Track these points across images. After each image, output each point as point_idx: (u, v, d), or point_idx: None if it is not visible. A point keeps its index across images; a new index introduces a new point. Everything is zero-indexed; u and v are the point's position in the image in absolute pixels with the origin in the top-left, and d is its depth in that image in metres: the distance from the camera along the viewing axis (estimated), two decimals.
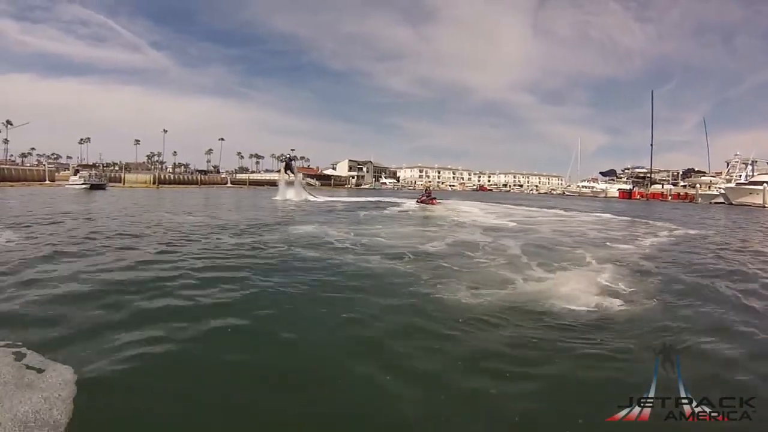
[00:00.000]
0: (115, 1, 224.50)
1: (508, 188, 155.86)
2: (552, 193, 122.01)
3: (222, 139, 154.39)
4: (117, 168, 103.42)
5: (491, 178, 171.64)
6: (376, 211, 26.84)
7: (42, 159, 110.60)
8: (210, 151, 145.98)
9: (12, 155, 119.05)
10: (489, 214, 24.88)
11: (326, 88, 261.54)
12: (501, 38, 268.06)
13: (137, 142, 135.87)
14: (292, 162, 29.75)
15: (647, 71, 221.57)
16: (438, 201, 33.95)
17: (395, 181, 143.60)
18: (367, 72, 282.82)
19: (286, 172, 29.50)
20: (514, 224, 18.99)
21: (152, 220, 17.55)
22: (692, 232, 18.55)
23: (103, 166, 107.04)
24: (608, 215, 28.19)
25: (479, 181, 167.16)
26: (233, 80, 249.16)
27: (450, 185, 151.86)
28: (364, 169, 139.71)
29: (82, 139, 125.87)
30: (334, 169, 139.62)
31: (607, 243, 13.31)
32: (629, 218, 26.23)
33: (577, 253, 11.16)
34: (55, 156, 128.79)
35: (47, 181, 64.88)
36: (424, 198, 33.78)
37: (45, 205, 24.17)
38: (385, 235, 14.08)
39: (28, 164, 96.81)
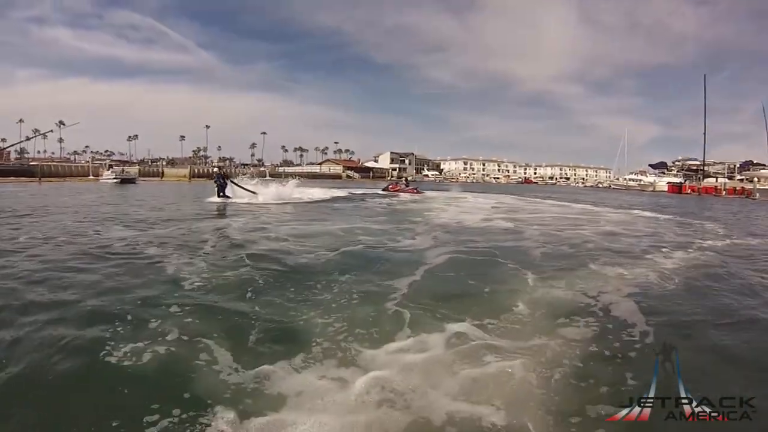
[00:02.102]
0: (163, 4, 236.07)
1: (554, 181, 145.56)
2: (599, 187, 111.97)
3: (264, 133, 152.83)
4: (164, 163, 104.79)
5: (537, 171, 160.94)
6: (353, 203, 22.71)
7: (96, 156, 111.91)
8: (254, 146, 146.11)
9: (68, 153, 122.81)
10: (486, 210, 19.54)
11: (372, 81, 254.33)
12: (545, 26, 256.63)
13: (182, 138, 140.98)
14: (225, 179, 22.39)
15: (701, 58, 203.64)
16: (421, 191, 30.00)
17: (437, 173, 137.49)
18: (412, 64, 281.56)
19: (220, 195, 21.49)
20: (504, 224, 14.07)
21: (93, 212, 15.08)
22: (752, 241, 12.65)
23: (150, 161, 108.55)
24: (644, 212, 21.95)
25: (525, 173, 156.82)
26: (278, 76, 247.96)
27: (495, 178, 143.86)
28: (406, 161, 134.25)
29: (130, 137, 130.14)
30: (375, 161, 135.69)
31: (604, 261, 8.13)
32: (669, 217, 19.86)
33: (523, 284, 6.34)
34: (109, 153, 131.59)
35: (91, 176, 65.20)
36: (401, 186, 29.27)
37: (46, 198, 22.71)
38: (295, 236, 10.17)
39: (83, 161, 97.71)
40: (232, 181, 22.56)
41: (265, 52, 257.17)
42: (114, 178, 53.27)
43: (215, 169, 25.10)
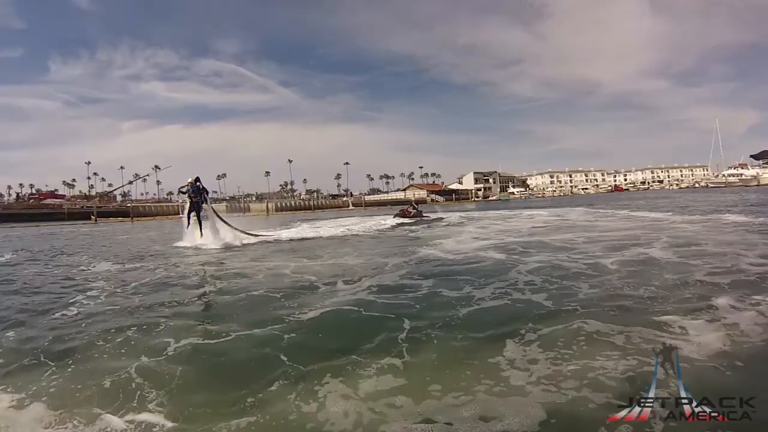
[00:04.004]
0: (242, 50, 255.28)
1: (646, 185, 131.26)
2: (695, 187, 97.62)
3: (347, 164, 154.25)
4: (252, 198, 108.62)
5: (627, 177, 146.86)
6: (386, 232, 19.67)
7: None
8: (339, 176, 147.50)
9: (167, 194, 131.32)
10: (512, 233, 15.67)
11: (451, 102, 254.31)
12: (616, 23, 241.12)
13: (267, 173, 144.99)
14: (203, 195, 15.53)
15: None
16: (425, 215, 26.85)
17: (523, 189, 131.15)
18: (489, 81, 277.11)
19: (190, 215, 15.34)
20: (495, 255, 10.41)
21: (114, 248, 16.64)
22: None
23: (240, 198, 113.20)
24: (736, 217, 16.18)
25: (614, 181, 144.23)
26: (359, 105, 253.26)
27: (583, 189, 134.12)
28: (490, 180, 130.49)
29: (219, 176, 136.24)
30: (460, 183, 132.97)
31: (559, 338, 4.62)
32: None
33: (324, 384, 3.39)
34: None
35: (180, 215, 68.38)
36: (412, 211, 26.19)
37: (105, 238, 24.85)
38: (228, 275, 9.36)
39: (178, 201, 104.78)
40: (216, 213, 16.14)
41: (345, 84, 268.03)
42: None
43: (189, 181, 15.62)
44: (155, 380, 3.78)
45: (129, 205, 79.52)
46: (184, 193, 15.42)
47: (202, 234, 15.04)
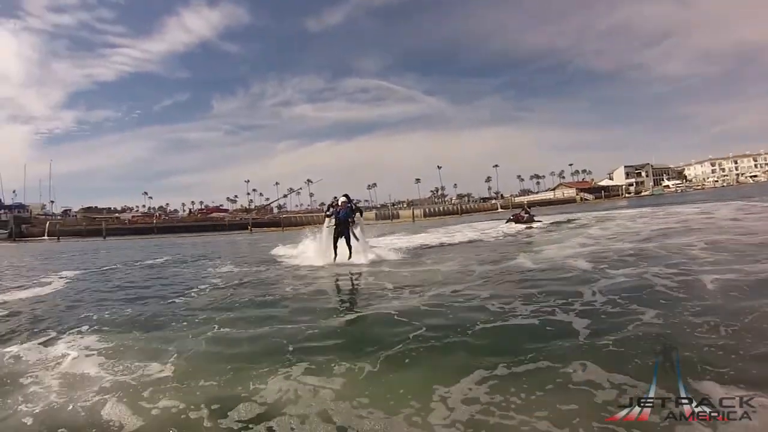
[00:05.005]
0: (383, 65, 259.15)
1: None
2: None
3: (496, 166, 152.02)
4: (404, 205, 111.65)
5: None
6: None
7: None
8: (489, 179, 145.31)
9: (319, 205, 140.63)
10: (623, 237, 14.01)
11: (599, 93, 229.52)
12: None
13: (417, 180, 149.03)
14: (351, 207, 13.34)
15: None
16: (536, 218, 24.75)
17: (679, 182, 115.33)
18: (638, 64, 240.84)
19: (337, 241, 13.00)
20: (583, 264, 9.14)
21: (243, 252, 21.29)
22: None
23: (391, 205, 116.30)
24: None
25: None
26: (506, 106, 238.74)
27: (751, 176, 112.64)
28: (642, 173, 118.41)
29: (369, 185, 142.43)
30: (610, 178, 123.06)
31: None
32: None
33: None
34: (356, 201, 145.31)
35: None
36: (525, 215, 24.43)
37: (245, 246, 28.43)
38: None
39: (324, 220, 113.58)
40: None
41: (490, 87, 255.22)
42: (329, 224, 58.53)
43: (341, 201, 13.40)
44: (182, 348, 4.96)
45: (281, 216, 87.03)
46: (330, 215, 13.52)
47: (351, 256, 12.71)
